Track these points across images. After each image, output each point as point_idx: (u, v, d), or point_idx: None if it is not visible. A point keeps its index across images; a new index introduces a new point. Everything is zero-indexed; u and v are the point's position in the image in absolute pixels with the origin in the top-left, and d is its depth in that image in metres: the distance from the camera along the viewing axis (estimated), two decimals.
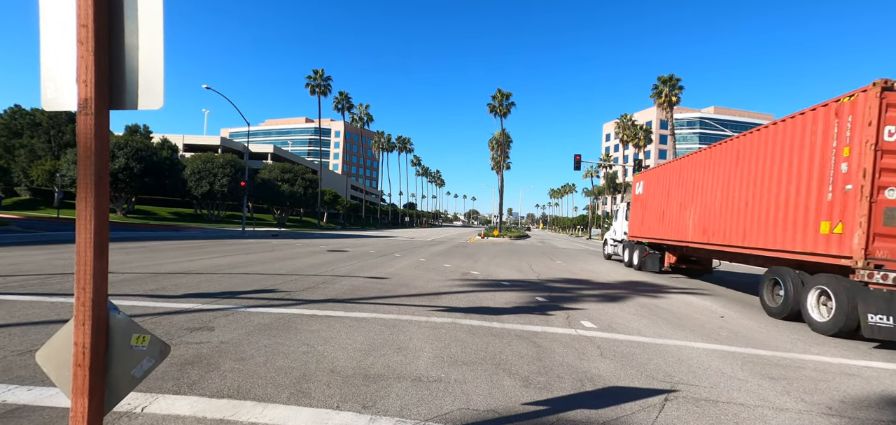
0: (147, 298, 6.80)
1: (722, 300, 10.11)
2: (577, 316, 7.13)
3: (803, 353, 5.72)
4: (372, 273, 11.43)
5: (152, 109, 1.84)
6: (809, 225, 7.63)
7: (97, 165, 1.71)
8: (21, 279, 7.91)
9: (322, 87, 57.21)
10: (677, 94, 42.39)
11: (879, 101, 6.45)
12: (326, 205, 66.51)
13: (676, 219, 13.53)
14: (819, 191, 7.46)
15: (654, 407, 3.60)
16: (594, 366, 4.57)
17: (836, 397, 4.12)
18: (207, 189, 43.11)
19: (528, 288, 10.22)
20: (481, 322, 6.29)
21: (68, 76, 1.80)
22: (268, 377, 3.79)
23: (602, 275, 14.04)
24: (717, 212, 10.93)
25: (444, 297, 8.33)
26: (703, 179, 11.91)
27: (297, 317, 6.06)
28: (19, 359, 3.88)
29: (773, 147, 8.83)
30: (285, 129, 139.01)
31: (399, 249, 21.10)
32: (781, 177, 8.49)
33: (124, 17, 1.80)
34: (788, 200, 8.24)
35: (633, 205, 18.16)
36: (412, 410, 3.30)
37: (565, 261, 19.47)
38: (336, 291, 8.30)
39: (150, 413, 3.02)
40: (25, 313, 5.51)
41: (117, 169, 36.27)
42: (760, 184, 9.16)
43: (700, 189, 12.04)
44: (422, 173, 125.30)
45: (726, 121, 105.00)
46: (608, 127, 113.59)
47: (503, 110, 52.89)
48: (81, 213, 1.71)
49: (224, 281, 8.87)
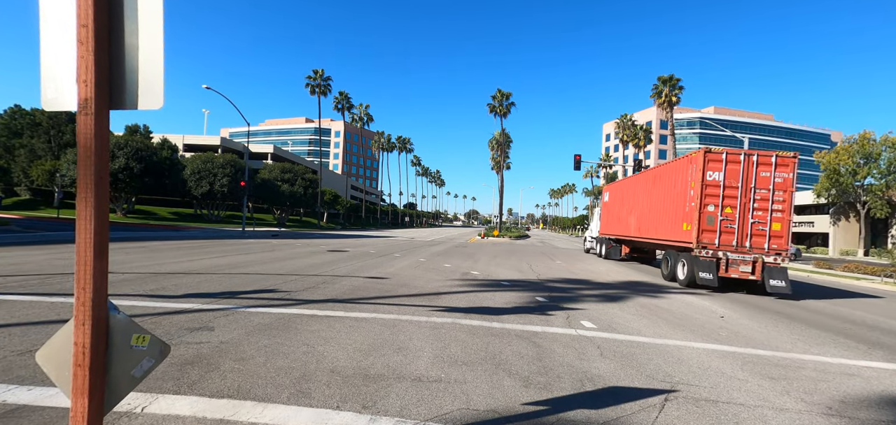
0: (147, 298, 6.80)
1: (722, 300, 10.11)
2: (577, 316, 7.13)
3: (803, 353, 5.72)
4: (372, 273, 11.43)
5: (152, 109, 1.84)
6: (678, 225, 12.98)
7: (97, 165, 1.71)
8: (21, 279, 7.91)
9: (322, 87, 57.19)
10: (677, 94, 42.38)
11: (704, 157, 11.67)
12: (326, 205, 66.51)
13: (626, 221, 18.99)
14: (682, 206, 12.78)
15: (654, 407, 3.60)
16: (594, 366, 4.57)
17: (836, 397, 4.12)
18: (207, 189, 43.11)
19: (528, 288, 10.22)
20: (481, 322, 6.29)
21: (68, 76, 1.80)
22: (268, 377, 3.79)
23: (602, 275, 14.04)
24: (645, 216, 16.44)
25: (444, 297, 8.33)
26: (639, 194, 17.41)
27: (297, 317, 6.06)
28: (19, 359, 3.88)
29: (665, 178, 14.46)
30: (285, 129, 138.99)
31: (399, 249, 21.10)
32: (667, 196, 14.10)
33: (124, 17, 1.80)
34: (669, 210, 13.83)
35: (602, 209, 23.59)
36: (412, 410, 3.30)
37: (565, 260, 19.47)
38: (336, 291, 8.30)
39: (150, 413, 3.02)
40: (25, 313, 5.51)
41: (117, 169, 36.28)
42: (660, 200, 14.80)
43: (637, 200, 17.57)
44: (422, 173, 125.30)
45: (726, 121, 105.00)
46: (608, 127, 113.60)
47: (503, 110, 52.87)
48: (81, 213, 1.71)
49: (224, 281, 8.87)
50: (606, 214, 22.57)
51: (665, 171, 14.60)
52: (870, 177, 44.23)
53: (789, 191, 11.43)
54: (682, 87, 42.46)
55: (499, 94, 52.42)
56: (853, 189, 45.62)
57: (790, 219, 11.42)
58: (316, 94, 57.21)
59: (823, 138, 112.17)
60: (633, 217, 17.91)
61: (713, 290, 11.75)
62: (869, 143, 43.28)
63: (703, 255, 11.66)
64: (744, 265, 11.55)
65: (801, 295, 12.51)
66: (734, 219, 11.57)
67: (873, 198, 43.94)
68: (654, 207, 15.26)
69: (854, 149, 44.09)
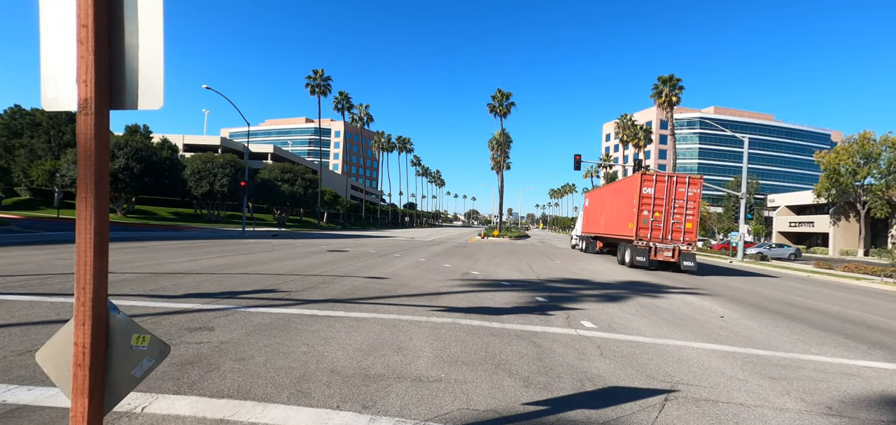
0: (147, 298, 6.80)
1: (722, 300, 10.12)
2: (577, 316, 7.13)
3: (803, 353, 5.72)
4: (372, 273, 11.43)
5: (152, 109, 1.84)
6: (626, 224, 18.01)
7: (97, 165, 1.71)
8: (21, 279, 7.91)
9: (322, 87, 57.18)
10: (677, 94, 42.36)
11: (641, 178, 16.81)
12: (326, 205, 66.49)
13: (598, 221, 24.18)
14: (629, 211, 17.72)
15: (654, 407, 3.60)
16: (594, 366, 4.57)
17: (836, 397, 4.12)
18: (207, 189, 43.10)
19: (527, 288, 10.22)
20: (481, 322, 6.29)
21: (68, 76, 1.80)
22: (268, 377, 3.79)
23: (602, 275, 14.05)
24: (609, 218, 21.74)
25: (444, 297, 8.32)
26: (606, 201, 22.87)
27: (297, 317, 6.06)
28: (19, 359, 3.88)
29: (620, 190, 20.25)
30: (285, 129, 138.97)
31: (399, 249, 21.10)
32: (620, 204, 19.52)
33: (124, 17, 1.79)
34: (621, 214, 19.10)
35: (584, 212, 29.17)
36: (412, 410, 3.30)
37: (565, 260, 19.47)
38: (336, 291, 8.30)
39: (150, 413, 3.02)
40: (25, 313, 5.51)
41: (117, 169, 36.27)
42: (617, 206, 20.32)
43: (605, 206, 23.00)
44: (422, 173, 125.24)
45: (726, 121, 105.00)
46: (608, 127, 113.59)
47: (503, 110, 52.86)
48: (81, 213, 1.71)
49: (224, 281, 8.87)
50: (586, 216, 27.79)
51: (620, 186, 20.59)
52: (870, 177, 44.24)
53: (697, 202, 16.88)
54: (682, 87, 42.44)
55: (499, 93, 52.41)
56: (853, 189, 45.62)
57: (697, 220, 16.91)
58: (316, 93, 57.21)
59: (823, 138, 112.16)
60: (602, 219, 23.20)
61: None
62: (869, 143, 43.28)
63: (640, 245, 16.84)
64: (667, 251, 16.78)
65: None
66: (661, 220, 16.79)
67: (873, 198, 43.94)
68: (614, 212, 20.82)
69: (854, 149, 44.09)
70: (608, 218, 21.83)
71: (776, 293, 12.39)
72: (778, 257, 36.39)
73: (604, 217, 22.79)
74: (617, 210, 20.09)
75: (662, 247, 16.68)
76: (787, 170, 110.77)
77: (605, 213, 22.51)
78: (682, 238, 16.63)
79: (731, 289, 12.66)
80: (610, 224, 21.40)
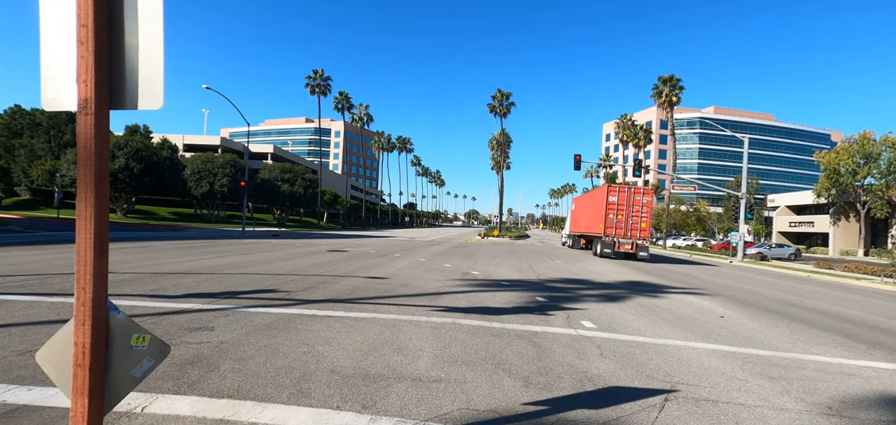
0: (147, 298, 6.80)
1: (722, 300, 10.12)
2: (577, 316, 7.13)
3: (803, 353, 5.72)
4: (372, 273, 11.43)
5: (152, 109, 1.84)
6: (597, 224, 23.07)
7: (97, 165, 1.71)
8: (21, 279, 7.91)
9: (322, 87, 57.17)
10: (677, 94, 42.37)
11: (607, 186, 22.95)
12: (326, 205, 66.49)
13: (581, 222, 28.81)
14: (600, 213, 22.81)
15: (654, 407, 3.60)
16: (594, 366, 4.57)
17: (836, 397, 4.12)
18: (207, 189, 43.10)
19: (528, 288, 10.22)
20: (481, 322, 6.29)
21: (68, 76, 1.80)
22: (268, 377, 3.79)
23: (602, 275, 14.05)
24: (589, 219, 26.15)
25: (444, 297, 8.32)
26: (587, 205, 27.85)
27: (297, 317, 6.06)
28: (19, 359, 3.88)
29: (595, 197, 25.71)
30: (285, 129, 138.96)
31: (399, 249, 21.10)
32: (596, 208, 23.98)
33: (124, 17, 1.79)
34: (595, 215, 24.00)
35: (571, 215, 34.15)
36: (412, 410, 3.30)
37: (565, 260, 19.47)
38: (336, 291, 8.30)
39: (150, 413, 3.02)
40: (25, 313, 5.50)
41: (117, 169, 36.27)
42: (592, 210, 25.27)
43: (585, 209, 27.89)
44: (422, 173, 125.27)
45: (726, 121, 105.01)
46: (608, 127, 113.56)
47: (503, 110, 52.85)
48: (81, 213, 1.71)
49: (224, 281, 8.87)
50: (573, 218, 32.94)
51: (595, 194, 26.45)
52: (870, 177, 44.23)
53: (650, 207, 22.23)
54: (682, 87, 42.45)
55: (499, 93, 52.40)
56: (853, 189, 45.61)
57: (650, 221, 22.47)
58: (316, 93, 57.20)
59: (823, 138, 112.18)
60: (583, 220, 28.11)
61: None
62: (869, 143, 43.27)
63: (606, 240, 21.92)
64: (627, 245, 21.85)
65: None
66: (623, 221, 21.88)
67: (873, 198, 43.93)
68: (590, 214, 25.62)
69: (854, 149, 44.08)
70: (587, 220, 26.57)
71: (776, 293, 12.39)
72: (778, 257, 36.41)
73: (584, 219, 27.69)
74: (592, 213, 25.02)
75: (624, 241, 21.79)
76: (787, 170, 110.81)
77: (585, 216, 27.50)
78: (638, 234, 21.87)
79: (731, 288, 12.66)
80: (588, 224, 26.01)
